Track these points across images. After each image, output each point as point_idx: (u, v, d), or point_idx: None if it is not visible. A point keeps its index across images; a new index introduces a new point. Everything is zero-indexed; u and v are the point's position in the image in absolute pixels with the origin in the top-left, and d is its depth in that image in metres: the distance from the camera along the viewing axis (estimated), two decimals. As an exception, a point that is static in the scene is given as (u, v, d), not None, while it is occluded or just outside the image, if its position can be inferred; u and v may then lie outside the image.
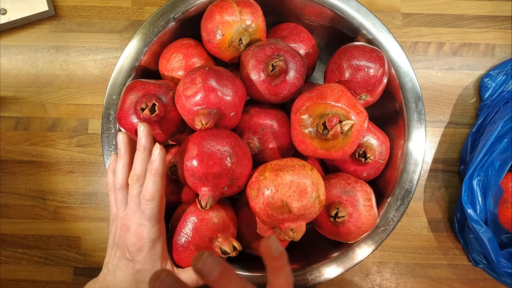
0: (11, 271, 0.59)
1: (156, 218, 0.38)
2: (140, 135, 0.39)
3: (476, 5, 0.64)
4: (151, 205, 0.38)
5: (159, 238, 0.39)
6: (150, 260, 0.39)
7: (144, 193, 0.38)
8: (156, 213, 0.38)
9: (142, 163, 0.39)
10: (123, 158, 0.41)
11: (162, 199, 0.39)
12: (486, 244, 0.53)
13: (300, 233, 0.40)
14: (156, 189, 0.38)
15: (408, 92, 0.48)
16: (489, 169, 0.55)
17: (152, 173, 0.38)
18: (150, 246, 0.38)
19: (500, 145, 0.54)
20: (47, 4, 0.60)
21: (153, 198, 0.38)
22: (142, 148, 0.39)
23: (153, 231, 0.38)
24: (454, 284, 0.60)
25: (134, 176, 0.39)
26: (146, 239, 0.38)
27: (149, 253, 0.38)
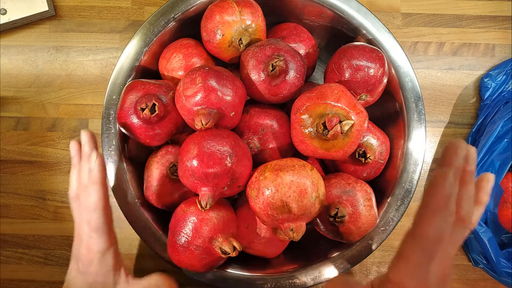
0: (11, 271, 0.59)
1: (102, 229, 0.37)
2: (83, 142, 0.38)
3: (476, 5, 0.64)
4: (95, 215, 0.37)
5: (108, 249, 0.38)
6: (102, 272, 0.38)
7: (87, 203, 0.37)
8: (101, 223, 0.37)
9: (86, 172, 0.38)
10: (75, 167, 0.40)
11: (106, 208, 0.38)
12: (486, 244, 0.53)
13: (300, 233, 0.40)
14: (98, 199, 0.37)
15: (408, 92, 0.48)
16: (489, 169, 0.55)
17: (91, 183, 0.37)
18: (99, 257, 0.37)
19: (500, 145, 0.54)
20: (47, 4, 0.60)
21: (95, 208, 0.37)
22: (85, 155, 0.38)
23: (101, 242, 0.37)
24: (454, 284, 0.60)
25: (81, 185, 0.38)
26: (95, 250, 0.37)
27: (100, 265, 0.37)
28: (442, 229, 0.30)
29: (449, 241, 0.30)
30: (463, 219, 0.30)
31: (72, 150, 0.40)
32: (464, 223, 0.30)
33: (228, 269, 0.47)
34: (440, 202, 0.30)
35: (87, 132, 0.39)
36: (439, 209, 0.30)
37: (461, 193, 0.30)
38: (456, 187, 0.30)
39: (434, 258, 0.30)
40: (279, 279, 0.46)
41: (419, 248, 0.31)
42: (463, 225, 0.30)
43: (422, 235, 0.30)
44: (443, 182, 0.29)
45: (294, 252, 0.51)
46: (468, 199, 0.30)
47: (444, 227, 0.30)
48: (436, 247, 0.30)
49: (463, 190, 0.30)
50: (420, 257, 0.30)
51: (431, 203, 0.30)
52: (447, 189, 0.29)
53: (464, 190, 0.30)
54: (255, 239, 0.46)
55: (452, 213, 0.30)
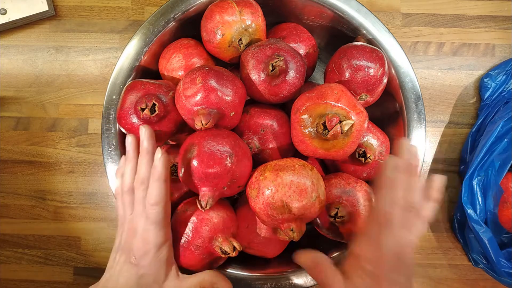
0: (11, 271, 0.59)
1: (162, 223, 0.38)
2: (142, 138, 0.39)
3: (476, 5, 0.64)
4: (155, 210, 0.37)
5: (164, 243, 0.38)
6: (155, 265, 0.38)
7: (148, 198, 0.38)
8: (161, 218, 0.38)
9: (145, 166, 0.39)
10: (131, 161, 0.41)
11: (167, 203, 0.39)
12: (486, 244, 0.53)
13: (300, 233, 0.40)
14: (160, 194, 0.38)
15: (408, 92, 0.48)
16: (489, 169, 0.55)
17: (155, 179, 0.38)
18: (155, 251, 0.38)
19: (500, 145, 0.54)
20: (47, 4, 0.60)
21: (157, 203, 0.37)
22: (145, 151, 0.39)
23: (159, 236, 0.38)
24: (454, 284, 0.60)
25: (139, 180, 0.39)
26: (151, 243, 0.38)
27: (154, 258, 0.38)
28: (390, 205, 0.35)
29: (403, 224, 0.35)
30: (410, 206, 0.35)
31: (129, 145, 0.41)
32: (412, 210, 0.35)
33: (228, 269, 0.47)
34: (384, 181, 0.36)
35: (147, 128, 0.39)
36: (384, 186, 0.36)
37: (408, 183, 0.36)
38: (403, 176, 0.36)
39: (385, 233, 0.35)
40: (279, 279, 0.46)
41: (371, 221, 0.36)
42: (412, 211, 0.35)
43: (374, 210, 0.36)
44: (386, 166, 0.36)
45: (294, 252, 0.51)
46: (414, 189, 0.36)
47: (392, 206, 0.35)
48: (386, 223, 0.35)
49: (410, 180, 0.36)
50: (373, 230, 0.36)
51: (378, 182, 0.36)
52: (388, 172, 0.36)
53: (411, 180, 0.36)
54: (255, 239, 0.46)
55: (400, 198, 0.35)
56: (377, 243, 0.35)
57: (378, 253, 0.35)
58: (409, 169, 0.37)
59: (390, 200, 0.35)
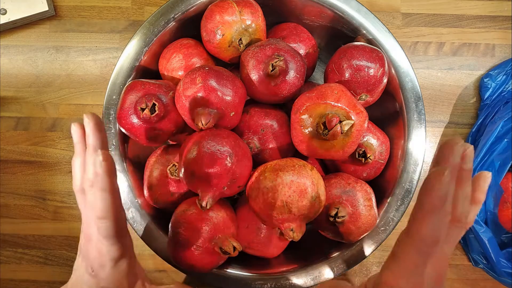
0: (11, 271, 0.59)
1: (114, 237, 0.33)
2: (87, 131, 0.32)
3: (476, 5, 0.64)
4: (103, 224, 0.32)
5: (122, 257, 0.34)
6: (114, 279, 0.34)
7: (95, 210, 0.32)
8: (111, 232, 0.32)
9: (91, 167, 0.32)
10: (79, 155, 0.34)
11: (118, 216, 0.33)
12: (486, 244, 0.53)
13: (300, 233, 0.40)
14: (106, 206, 0.32)
15: (408, 92, 0.48)
16: (489, 169, 0.55)
17: (98, 188, 0.31)
18: (112, 264, 0.34)
19: (500, 145, 0.54)
20: (47, 4, 0.60)
21: (104, 216, 0.32)
22: (91, 148, 0.33)
23: (113, 250, 0.33)
24: (454, 284, 0.60)
25: (87, 182, 0.32)
26: (106, 256, 0.33)
27: (113, 271, 0.34)
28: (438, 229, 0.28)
29: (445, 240, 0.29)
30: (459, 219, 0.29)
31: (74, 136, 0.34)
32: (460, 223, 0.29)
33: (228, 269, 0.47)
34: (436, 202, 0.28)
35: (91, 117, 0.32)
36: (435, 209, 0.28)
37: (457, 193, 0.29)
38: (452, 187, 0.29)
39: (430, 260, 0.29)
40: (279, 279, 0.46)
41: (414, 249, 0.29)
42: (458, 225, 0.30)
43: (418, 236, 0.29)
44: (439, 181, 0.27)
45: (294, 252, 0.51)
46: (464, 199, 0.29)
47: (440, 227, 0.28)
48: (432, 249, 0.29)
49: (459, 189, 0.29)
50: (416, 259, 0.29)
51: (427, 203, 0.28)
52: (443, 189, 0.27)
53: (460, 190, 0.29)
54: (255, 239, 0.46)
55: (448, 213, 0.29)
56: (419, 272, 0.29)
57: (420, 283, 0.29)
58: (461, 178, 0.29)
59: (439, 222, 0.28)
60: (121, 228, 0.34)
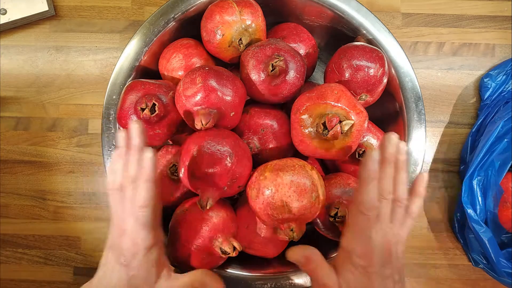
0: (11, 271, 0.59)
1: (151, 225, 0.37)
2: (133, 134, 0.38)
3: (476, 5, 0.64)
4: (144, 212, 0.36)
5: (154, 245, 0.37)
6: (145, 267, 0.37)
7: (137, 199, 0.36)
8: (150, 220, 0.36)
9: (135, 165, 0.37)
10: (122, 157, 0.39)
11: (157, 205, 0.37)
12: (486, 244, 0.53)
13: (300, 233, 0.40)
14: (149, 196, 0.36)
15: (408, 92, 0.48)
16: (489, 169, 0.55)
17: (143, 180, 0.36)
18: (145, 253, 0.37)
19: (500, 145, 0.54)
20: (47, 4, 0.60)
21: (145, 205, 0.36)
22: (134, 148, 0.37)
23: (148, 238, 0.36)
24: (454, 284, 0.60)
25: (128, 178, 0.37)
26: (140, 245, 0.36)
27: (144, 260, 0.37)
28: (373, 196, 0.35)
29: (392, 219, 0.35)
30: (400, 200, 0.36)
31: (119, 140, 0.38)
32: (401, 204, 0.36)
33: (228, 269, 0.47)
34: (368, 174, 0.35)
35: (138, 125, 0.37)
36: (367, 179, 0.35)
37: (395, 177, 0.36)
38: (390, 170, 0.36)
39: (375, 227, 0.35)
40: (279, 279, 0.46)
41: (357, 214, 0.36)
42: (401, 206, 0.36)
43: (357, 201, 0.36)
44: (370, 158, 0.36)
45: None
46: (401, 183, 0.36)
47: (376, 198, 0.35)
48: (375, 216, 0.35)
49: (396, 174, 0.36)
50: (361, 223, 0.36)
51: (361, 175, 0.36)
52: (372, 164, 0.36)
53: (397, 174, 0.36)
54: (255, 239, 0.46)
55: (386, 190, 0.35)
56: (367, 237, 0.35)
57: (369, 247, 0.35)
58: (396, 164, 0.36)
59: (378, 193, 0.35)
60: (157, 218, 0.38)
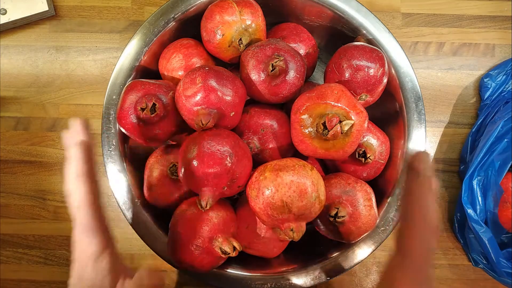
0: (11, 271, 0.59)
1: (92, 229, 0.32)
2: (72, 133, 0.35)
3: (476, 5, 0.64)
4: (81, 213, 0.32)
5: (102, 252, 0.33)
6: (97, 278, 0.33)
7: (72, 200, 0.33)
8: (89, 223, 0.32)
9: None
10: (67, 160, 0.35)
11: (95, 205, 0.33)
12: (486, 244, 0.53)
13: (300, 233, 0.40)
14: (83, 194, 0.32)
15: (408, 92, 0.48)
16: (489, 169, 0.55)
17: (73, 176, 0.32)
18: (93, 261, 0.33)
19: (500, 145, 0.54)
20: (47, 4, 0.60)
21: (80, 205, 0.32)
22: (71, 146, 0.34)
23: (92, 244, 0.33)
24: (454, 284, 0.60)
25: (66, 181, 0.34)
26: (87, 253, 0.33)
27: (95, 270, 0.33)
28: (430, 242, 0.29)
29: None
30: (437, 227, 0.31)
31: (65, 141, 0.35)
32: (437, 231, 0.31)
33: (228, 269, 0.47)
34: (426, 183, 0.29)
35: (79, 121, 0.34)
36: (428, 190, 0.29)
37: None
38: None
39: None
40: (279, 279, 0.46)
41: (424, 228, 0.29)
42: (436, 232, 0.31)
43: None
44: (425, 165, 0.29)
45: (294, 252, 0.51)
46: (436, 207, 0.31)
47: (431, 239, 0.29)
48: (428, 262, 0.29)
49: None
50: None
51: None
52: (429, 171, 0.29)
53: None
54: (255, 239, 0.46)
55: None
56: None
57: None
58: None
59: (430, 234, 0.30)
60: (100, 220, 0.33)
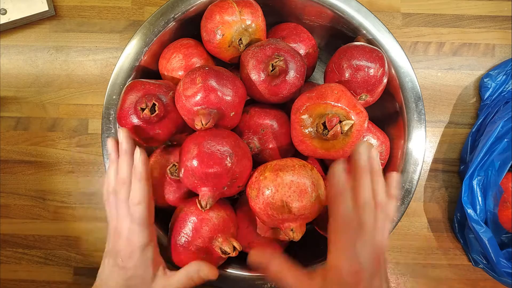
0: (11, 271, 0.59)
1: (145, 223, 0.38)
2: (121, 140, 0.40)
3: (476, 5, 0.64)
4: (139, 209, 0.38)
5: (149, 243, 0.39)
6: (142, 266, 0.38)
7: (132, 197, 0.38)
8: (144, 217, 0.38)
9: (125, 167, 0.40)
10: (113, 163, 0.41)
11: (150, 203, 0.39)
12: (486, 244, 0.53)
13: (300, 233, 0.40)
14: (143, 194, 0.38)
15: (408, 92, 0.48)
16: (489, 169, 0.55)
17: (137, 178, 0.39)
18: (140, 251, 0.38)
19: (500, 145, 0.54)
20: (47, 4, 0.60)
21: (140, 202, 0.38)
22: (124, 152, 0.40)
23: (143, 236, 0.38)
24: (454, 284, 0.60)
25: (120, 180, 0.39)
26: (136, 244, 0.38)
27: (140, 259, 0.38)
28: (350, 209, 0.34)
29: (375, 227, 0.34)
30: (381, 205, 0.35)
31: (109, 147, 0.42)
32: (382, 209, 0.35)
33: (228, 269, 0.47)
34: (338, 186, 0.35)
35: (125, 130, 0.40)
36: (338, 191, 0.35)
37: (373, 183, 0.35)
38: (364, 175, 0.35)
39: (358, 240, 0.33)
40: (279, 279, 0.46)
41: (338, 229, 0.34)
42: (382, 210, 0.35)
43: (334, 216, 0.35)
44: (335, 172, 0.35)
45: (294, 252, 0.51)
46: (380, 188, 0.35)
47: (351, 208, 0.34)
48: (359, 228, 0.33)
49: (374, 180, 0.35)
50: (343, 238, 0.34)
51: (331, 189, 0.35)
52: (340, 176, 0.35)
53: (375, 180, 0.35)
54: (255, 239, 0.46)
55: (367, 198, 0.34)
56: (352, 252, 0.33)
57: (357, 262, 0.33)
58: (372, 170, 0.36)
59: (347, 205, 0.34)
60: (151, 215, 0.39)
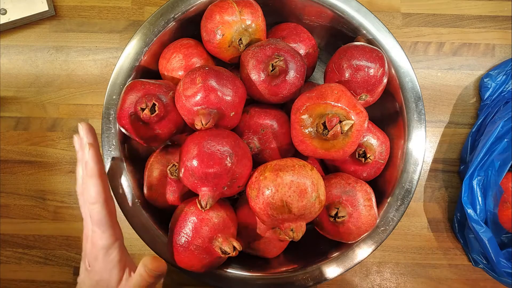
0: (11, 271, 0.59)
1: (105, 223, 0.36)
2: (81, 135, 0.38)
3: (476, 5, 0.64)
4: (95, 209, 0.36)
5: (112, 244, 0.36)
6: (106, 269, 0.36)
7: (86, 197, 0.36)
8: (103, 217, 0.36)
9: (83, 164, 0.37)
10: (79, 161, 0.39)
11: (108, 201, 0.36)
12: (486, 244, 0.53)
13: (300, 233, 0.40)
14: (97, 192, 0.36)
15: (408, 92, 0.48)
16: (489, 169, 0.55)
17: (88, 175, 0.36)
18: (104, 253, 0.36)
19: (500, 145, 0.54)
20: (47, 4, 0.60)
21: (95, 201, 0.35)
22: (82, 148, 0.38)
23: (104, 237, 0.36)
24: (454, 284, 0.60)
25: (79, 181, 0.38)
26: (98, 246, 0.36)
27: (104, 261, 0.36)
28: None
29: None
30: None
31: (75, 145, 0.39)
32: None
33: (228, 269, 0.47)
34: None
35: (84, 124, 0.38)
36: None
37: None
38: None
39: None
40: (279, 279, 0.46)
41: None
42: None
43: None
44: None
45: (294, 252, 0.51)
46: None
47: None
48: None
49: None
50: None
51: None
52: None
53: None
54: (255, 239, 0.46)
55: None
56: None
57: None
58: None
59: None
60: (111, 215, 0.37)
